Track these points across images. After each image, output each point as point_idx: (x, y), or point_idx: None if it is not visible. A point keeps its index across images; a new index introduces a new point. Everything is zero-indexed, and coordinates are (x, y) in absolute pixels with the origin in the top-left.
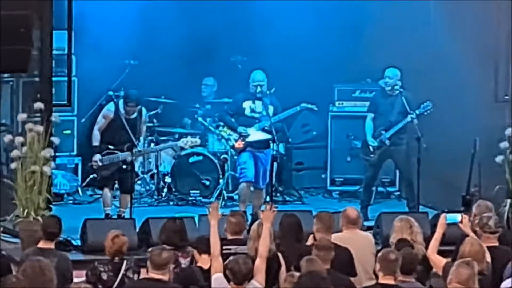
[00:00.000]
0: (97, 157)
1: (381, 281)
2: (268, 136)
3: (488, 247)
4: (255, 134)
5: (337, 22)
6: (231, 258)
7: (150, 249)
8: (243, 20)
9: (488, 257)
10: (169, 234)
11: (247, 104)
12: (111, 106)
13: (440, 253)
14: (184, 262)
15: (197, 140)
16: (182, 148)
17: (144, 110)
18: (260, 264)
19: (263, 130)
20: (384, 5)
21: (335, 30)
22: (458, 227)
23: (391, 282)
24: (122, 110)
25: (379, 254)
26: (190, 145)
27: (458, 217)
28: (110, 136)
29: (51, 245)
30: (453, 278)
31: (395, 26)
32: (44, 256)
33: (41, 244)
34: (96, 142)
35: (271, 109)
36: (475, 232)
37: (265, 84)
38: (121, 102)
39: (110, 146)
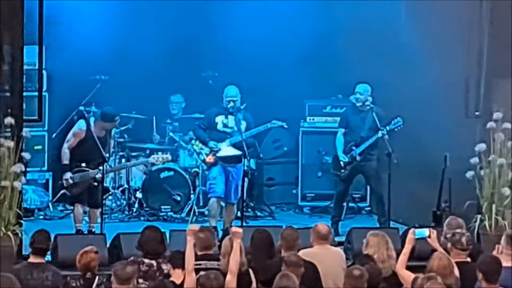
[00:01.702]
0: (68, 175)
1: None
2: (239, 152)
3: (458, 263)
4: (226, 149)
5: (308, 38)
6: (202, 273)
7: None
8: (215, 35)
9: (456, 272)
10: (153, 243)
11: (219, 119)
12: (82, 124)
13: (411, 268)
14: (166, 268)
15: (168, 156)
16: (153, 164)
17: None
18: (230, 280)
19: (234, 145)
20: (355, 21)
21: (307, 46)
22: (427, 242)
23: None
24: (93, 127)
25: (346, 270)
26: (161, 161)
27: (426, 232)
28: (81, 154)
29: (42, 260)
30: None
31: (366, 42)
32: (37, 270)
33: (32, 259)
34: (65, 160)
35: (243, 125)
36: (445, 247)
37: (238, 100)
38: (92, 119)
39: (81, 164)
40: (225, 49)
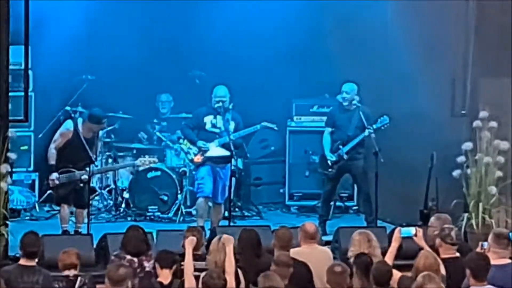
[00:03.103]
0: (54, 175)
1: None
2: (228, 153)
3: (447, 259)
4: (214, 150)
5: (295, 37)
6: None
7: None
8: (201, 34)
9: (442, 270)
10: (136, 243)
11: (208, 119)
12: (69, 124)
13: (397, 267)
14: (148, 265)
15: (155, 160)
16: (139, 167)
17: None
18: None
19: (223, 146)
20: (341, 20)
21: (294, 45)
22: (413, 240)
23: None
24: (80, 128)
25: (327, 268)
26: (148, 164)
27: (412, 230)
28: (68, 154)
29: (33, 263)
30: None
31: (353, 42)
32: (28, 273)
33: (23, 262)
34: (52, 160)
35: (232, 125)
36: (432, 245)
37: (227, 100)
38: (79, 120)
39: (68, 165)
40: (212, 48)
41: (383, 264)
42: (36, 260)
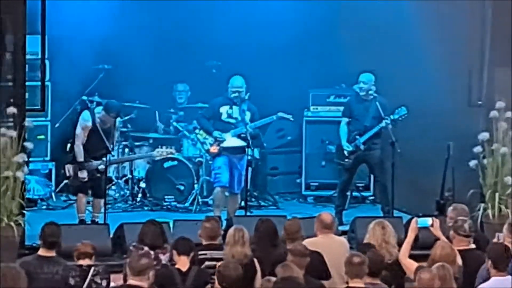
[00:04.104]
0: (84, 173)
1: (351, 284)
2: (244, 143)
3: (461, 250)
4: (230, 140)
5: (312, 27)
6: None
7: (127, 254)
8: (218, 24)
9: (459, 260)
10: (153, 237)
11: (224, 109)
12: (87, 115)
13: (414, 257)
14: (164, 258)
15: (172, 151)
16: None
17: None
18: None
19: (239, 136)
20: (358, 10)
21: (310, 35)
22: (430, 231)
23: (360, 285)
24: (97, 119)
25: (345, 258)
26: (165, 155)
27: (429, 221)
28: (85, 144)
29: (53, 253)
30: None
31: (369, 32)
32: (48, 264)
33: (42, 252)
34: (80, 157)
35: (248, 115)
36: (448, 235)
37: (243, 90)
38: (97, 109)
39: (85, 154)
40: (228, 38)
41: (375, 254)
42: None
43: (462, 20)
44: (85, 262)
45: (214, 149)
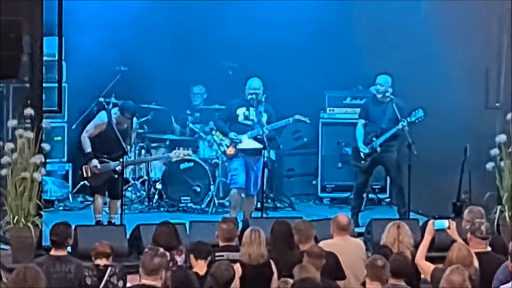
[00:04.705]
0: (95, 162)
1: (368, 286)
2: (260, 145)
3: (478, 253)
4: (247, 142)
5: (328, 28)
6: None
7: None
8: (234, 25)
9: (476, 263)
10: (167, 238)
11: (241, 111)
12: (103, 116)
13: (431, 259)
14: (179, 259)
15: (190, 152)
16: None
17: (134, 119)
18: None
19: (255, 138)
20: (375, 11)
21: (327, 36)
22: (447, 233)
23: (378, 287)
24: (114, 120)
25: (367, 260)
26: (182, 157)
27: (445, 223)
28: (102, 145)
29: (64, 252)
30: (445, 285)
31: (386, 33)
32: (60, 263)
33: (53, 252)
34: (88, 148)
35: (265, 117)
36: (465, 238)
37: (260, 92)
38: (113, 110)
39: (102, 155)
40: (245, 40)
41: (401, 256)
42: (68, 250)
43: (479, 21)
44: (102, 262)
45: (230, 150)
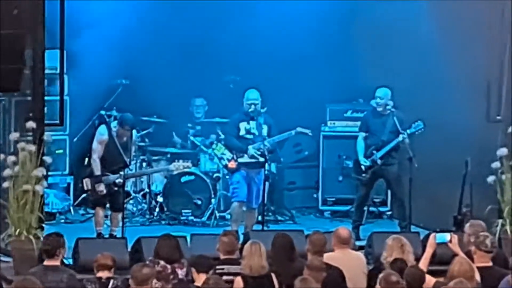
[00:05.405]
0: (102, 186)
1: None
2: (262, 159)
3: (481, 267)
4: (248, 155)
5: (329, 41)
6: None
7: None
8: (236, 38)
9: (477, 277)
10: (169, 250)
11: (242, 125)
12: (103, 130)
13: (432, 273)
14: (181, 272)
15: (189, 165)
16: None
17: (134, 131)
18: None
19: (257, 151)
20: (375, 25)
21: (328, 49)
22: (448, 246)
23: None
24: (114, 132)
25: (380, 276)
26: (182, 170)
27: (447, 236)
28: (102, 158)
29: (56, 262)
30: None
31: (386, 46)
32: (52, 273)
33: (46, 262)
34: (97, 171)
35: (265, 128)
36: (467, 251)
37: (259, 103)
38: (113, 123)
39: (102, 168)
40: (246, 53)
41: (416, 269)
42: (70, 262)
43: (481, 33)
44: (104, 274)
45: (232, 164)
